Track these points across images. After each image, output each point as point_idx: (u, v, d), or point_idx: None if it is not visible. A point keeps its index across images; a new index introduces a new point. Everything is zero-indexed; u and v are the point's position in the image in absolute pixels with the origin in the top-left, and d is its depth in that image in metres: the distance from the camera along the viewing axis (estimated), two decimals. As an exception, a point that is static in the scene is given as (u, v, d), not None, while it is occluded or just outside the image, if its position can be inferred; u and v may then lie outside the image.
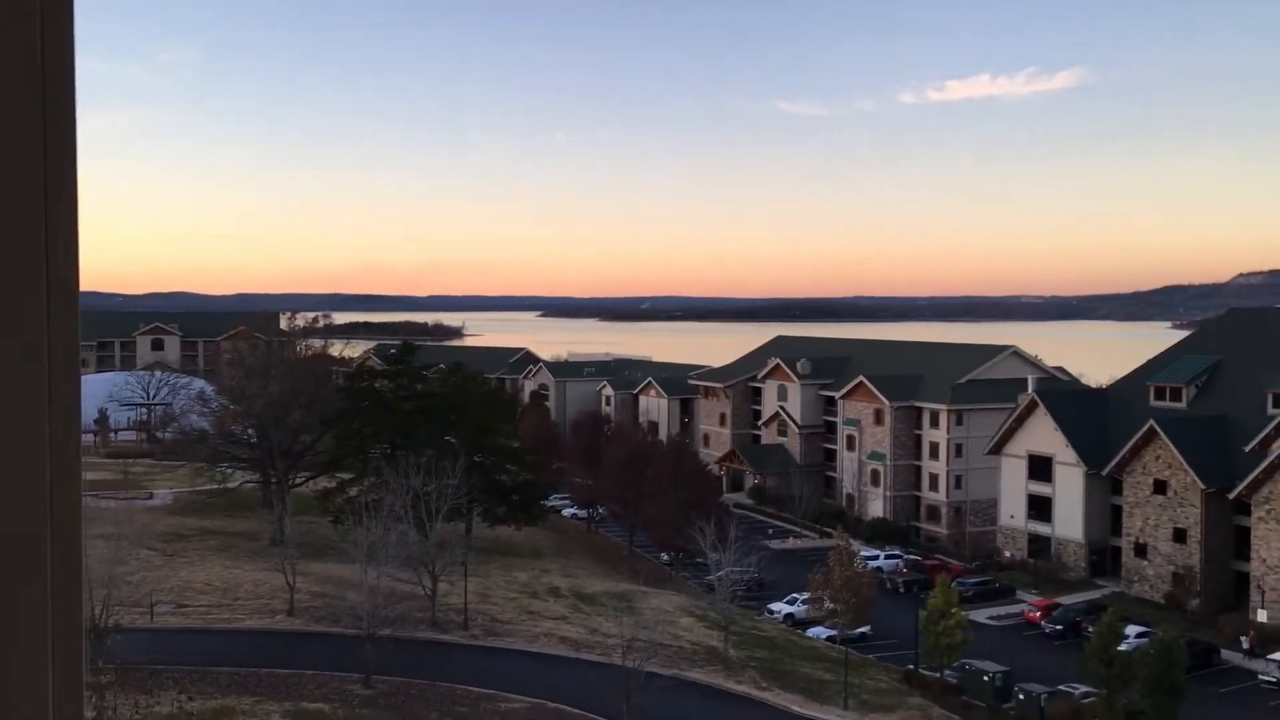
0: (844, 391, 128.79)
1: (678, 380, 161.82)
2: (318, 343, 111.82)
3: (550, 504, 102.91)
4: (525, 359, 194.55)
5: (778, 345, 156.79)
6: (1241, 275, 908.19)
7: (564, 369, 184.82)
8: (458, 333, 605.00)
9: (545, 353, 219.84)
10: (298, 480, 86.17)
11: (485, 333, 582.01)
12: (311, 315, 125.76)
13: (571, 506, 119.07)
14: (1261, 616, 79.03)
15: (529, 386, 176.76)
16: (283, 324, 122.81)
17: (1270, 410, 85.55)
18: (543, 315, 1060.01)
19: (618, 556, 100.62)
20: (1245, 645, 75.30)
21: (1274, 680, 68.92)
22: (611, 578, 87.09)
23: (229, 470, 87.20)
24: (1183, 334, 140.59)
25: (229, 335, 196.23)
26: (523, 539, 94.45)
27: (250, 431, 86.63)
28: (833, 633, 70.32)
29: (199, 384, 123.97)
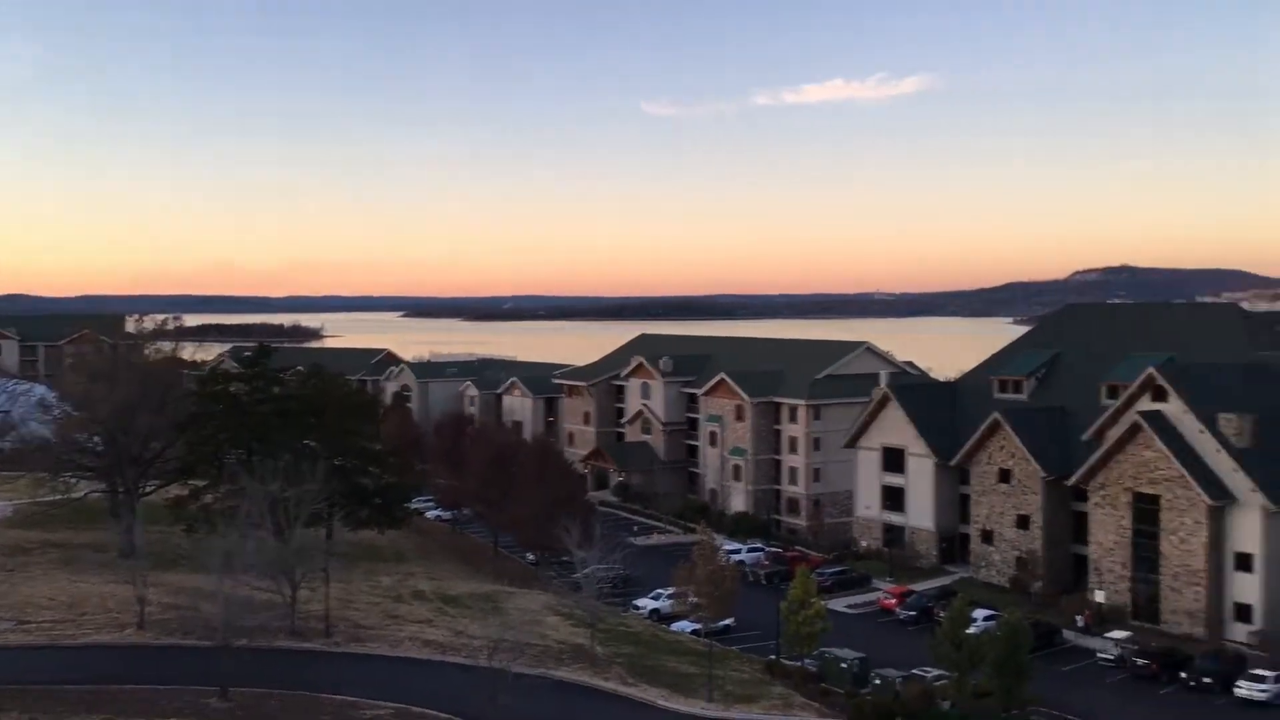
0: (706, 389, 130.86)
1: (542, 379, 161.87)
2: (167, 346, 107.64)
3: (414, 506, 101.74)
4: (387, 360, 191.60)
5: (641, 344, 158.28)
6: (1079, 272, 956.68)
7: (427, 370, 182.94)
8: (316, 334, 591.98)
9: (407, 353, 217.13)
10: (148, 489, 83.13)
11: (346, 334, 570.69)
12: (160, 317, 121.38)
13: (436, 508, 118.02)
14: (1099, 597, 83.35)
15: (391, 388, 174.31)
16: (129, 327, 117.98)
17: (1105, 401, 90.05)
18: (405, 315, 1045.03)
19: (483, 557, 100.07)
20: (1080, 624, 79.42)
21: (1110, 658, 72.87)
22: (476, 579, 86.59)
23: (73, 480, 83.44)
24: (1024, 329, 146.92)
25: (72, 339, 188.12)
26: (386, 542, 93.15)
27: (96, 439, 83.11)
28: (697, 626, 71.36)
29: (40, 390, 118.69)
